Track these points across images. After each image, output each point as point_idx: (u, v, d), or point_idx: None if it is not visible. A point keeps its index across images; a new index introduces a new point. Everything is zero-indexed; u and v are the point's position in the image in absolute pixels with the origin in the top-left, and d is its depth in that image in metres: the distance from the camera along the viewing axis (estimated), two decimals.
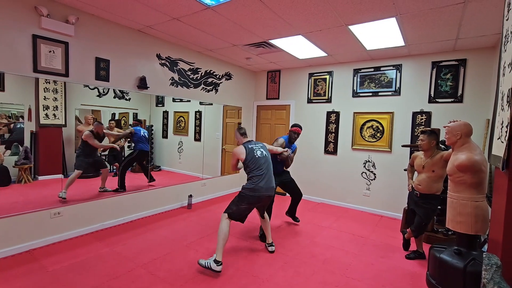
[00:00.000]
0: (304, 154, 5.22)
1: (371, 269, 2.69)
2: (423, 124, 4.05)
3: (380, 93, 4.41)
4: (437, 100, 3.96)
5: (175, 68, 4.12)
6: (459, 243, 2.28)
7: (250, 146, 2.72)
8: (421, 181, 2.79)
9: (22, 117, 2.82)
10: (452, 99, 3.85)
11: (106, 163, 3.77)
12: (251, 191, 2.61)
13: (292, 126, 3.61)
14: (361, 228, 3.79)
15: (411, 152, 4.12)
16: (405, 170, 3.51)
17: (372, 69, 4.46)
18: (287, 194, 4.57)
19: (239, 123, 4.93)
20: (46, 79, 2.82)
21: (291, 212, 3.83)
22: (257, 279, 2.43)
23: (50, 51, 2.78)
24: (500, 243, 1.47)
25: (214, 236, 3.31)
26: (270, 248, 2.98)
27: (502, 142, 1.62)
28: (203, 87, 4.63)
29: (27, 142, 2.82)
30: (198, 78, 4.53)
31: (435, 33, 3.23)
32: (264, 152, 2.76)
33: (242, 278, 2.44)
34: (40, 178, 2.98)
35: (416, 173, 2.99)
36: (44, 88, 2.84)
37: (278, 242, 3.22)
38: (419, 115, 4.08)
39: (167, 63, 4.00)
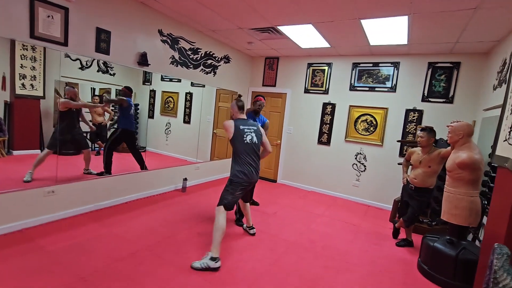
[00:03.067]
0: (298, 143, 5.31)
1: (367, 255, 2.87)
2: (414, 121, 4.26)
3: (376, 89, 4.55)
4: (429, 99, 4.17)
5: (176, 46, 3.93)
6: (451, 234, 2.50)
7: (241, 127, 2.50)
8: (417, 175, 2.97)
9: None
10: (444, 100, 4.07)
11: (88, 141, 3.52)
12: (243, 175, 2.47)
13: (255, 96, 3.51)
14: (352, 217, 3.99)
15: (402, 148, 4.35)
16: (399, 164, 3.71)
17: (371, 64, 4.57)
18: None
19: (239, 95, 4.63)
20: (24, 45, 2.52)
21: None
22: (263, 263, 2.50)
23: (48, 16, 2.53)
24: (503, 235, 1.63)
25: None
26: (251, 231, 3.04)
27: (510, 144, 1.77)
28: (202, 69, 4.49)
29: (1, 113, 2.58)
30: (198, 58, 4.37)
31: (438, 35, 3.36)
32: (254, 139, 2.54)
33: (248, 262, 2.50)
34: (15, 153, 2.76)
35: (410, 167, 3.17)
36: (21, 55, 2.57)
37: (278, 228, 3.32)
38: (411, 113, 4.29)
39: (168, 40, 3.81)
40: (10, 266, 2.06)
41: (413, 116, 4.28)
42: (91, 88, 3.43)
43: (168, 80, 4.23)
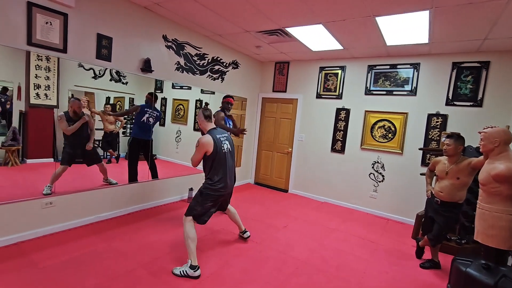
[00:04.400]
0: (310, 151, 5.04)
1: (386, 278, 2.55)
2: (438, 127, 3.90)
3: (394, 92, 4.23)
4: (455, 103, 3.81)
5: (181, 52, 3.82)
6: (487, 257, 2.15)
7: (218, 137, 2.40)
8: (443, 188, 2.64)
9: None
10: (471, 103, 3.70)
11: (100, 151, 3.45)
12: (215, 191, 2.38)
13: (224, 97, 3.56)
14: (369, 232, 3.65)
15: (424, 156, 3.99)
16: (422, 174, 3.37)
17: (388, 66, 4.26)
18: None
19: (206, 103, 4.46)
20: (39, 56, 2.53)
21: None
22: (269, 286, 2.25)
23: (47, 22, 2.46)
24: None
25: (221, 234, 3.12)
26: (245, 235, 2.98)
27: None
28: (209, 75, 4.36)
29: (15, 122, 2.57)
30: (205, 64, 4.25)
31: (464, 32, 3.04)
32: (229, 146, 2.51)
33: (252, 285, 2.26)
34: (29, 161, 2.73)
35: (435, 178, 2.84)
36: (36, 65, 2.57)
37: (287, 244, 3.05)
38: (434, 118, 3.93)
39: (173, 46, 3.70)
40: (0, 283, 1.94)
41: (436, 122, 3.92)
42: (106, 97, 3.42)
43: (179, 87, 4.15)
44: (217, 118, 3.47)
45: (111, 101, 3.48)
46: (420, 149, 3.69)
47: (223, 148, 2.42)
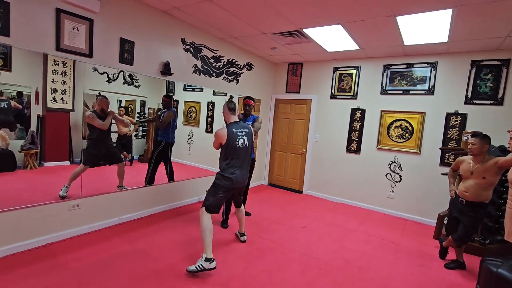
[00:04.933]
0: (324, 152, 5.03)
1: (412, 279, 2.53)
2: (457, 126, 3.85)
3: (411, 92, 4.19)
4: (474, 101, 3.76)
5: (198, 54, 3.86)
6: None
7: (234, 131, 2.47)
8: (468, 188, 2.60)
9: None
10: (492, 101, 3.64)
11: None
12: (226, 180, 2.46)
13: (244, 99, 3.48)
14: (389, 232, 3.62)
15: (443, 156, 3.94)
16: (444, 174, 3.33)
17: (405, 66, 4.23)
18: None
19: (231, 96, 4.51)
20: (55, 61, 2.57)
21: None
22: None
23: (74, 28, 2.52)
24: None
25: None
26: (242, 238, 2.98)
27: None
28: (224, 77, 4.38)
29: (33, 126, 2.62)
30: (221, 66, 4.28)
31: (486, 29, 3.00)
32: (246, 142, 2.54)
33: (278, 286, 2.26)
34: (46, 164, 2.77)
35: (455, 177, 2.81)
36: (52, 70, 2.61)
37: (307, 245, 3.05)
38: (453, 117, 3.88)
39: (191, 49, 3.74)
40: (32, 285, 1.98)
41: (455, 121, 3.87)
42: (118, 100, 3.46)
43: (191, 90, 4.18)
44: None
45: (123, 104, 3.52)
46: (440, 148, 3.64)
47: (237, 142, 2.46)
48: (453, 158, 3.83)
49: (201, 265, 2.23)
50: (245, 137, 2.53)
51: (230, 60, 4.43)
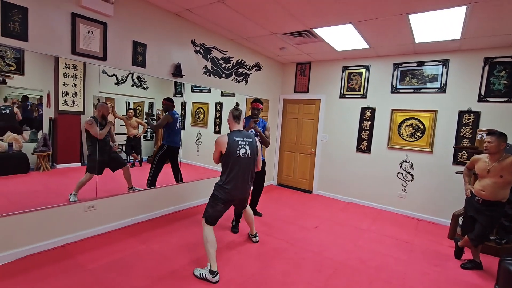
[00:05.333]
0: (334, 151, 5.01)
1: (428, 279, 2.51)
2: (470, 124, 3.80)
3: (422, 90, 4.15)
4: (487, 99, 3.70)
5: (208, 56, 3.88)
6: None
7: (235, 139, 2.32)
8: (485, 187, 2.57)
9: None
10: (506, 99, 3.59)
11: (124, 155, 3.52)
12: (224, 192, 2.31)
13: (252, 102, 3.38)
14: (402, 232, 3.59)
15: (456, 154, 3.89)
16: (458, 173, 3.29)
17: (415, 64, 4.19)
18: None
19: (237, 103, 4.35)
20: (66, 64, 2.61)
21: (252, 205, 3.59)
22: (312, 287, 2.25)
23: (89, 32, 2.56)
24: None
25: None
26: (254, 239, 2.97)
27: None
28: (234, 78, 4.40)
29: (45, 129, 2.67)
30: (230, 67, 4.30)
31: (500, 26, 2.96)
32: (248, 152, 2.35)
33: (298, 286, 2.26)
34: (58, 166, 2.82)
35: (471, 176, 2.77)
36: (64, 74, 2.66)
37: (321, 245, 3.04)
38: (466, 115, 3.83)
39: (201, 51, 3.76)
40: (51, 285, 2.01)
41: (468, 119, 3.82)
42: (126, 102, 3.50)
43: (198, 91, 4.20)
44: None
45: (131, 106, 3.57)
46: (454, 147, 3.60)
47: (237, 151, 2.30)
48: (466, 157, 3.78)
49: (205, 275, 2.21)
50: (247, 147, 2.35)
51: (239, 61, 4.44)
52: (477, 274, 2.65)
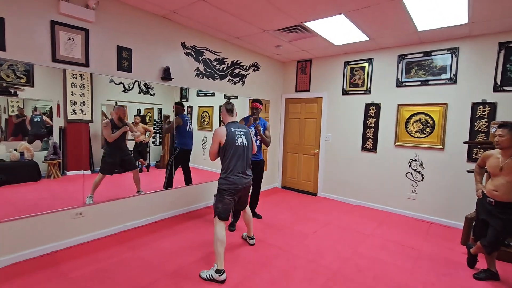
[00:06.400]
0: (338, 151, 4.76)
1: None
2: (485, 117, 3.45)
3: (430, 82, 3.84)
4: (504, 88, 3.34)
5: (200, 58, 3.81)
6: None
7: (233, 130, 2.45)
8: (498, 186, 2.27)
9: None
10: None
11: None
12: (229, 182, 2.41)
13: (252, 102, 3.46)
14: (410, 237, 3.31)
15: (471, 150, 3.55)
16: (469, 171, 2.98)
17: (422, 54, 3.89)
18: None
19: (229, 97, 4.43)
20: (73, 74, 2.70)
21: (252, 206, 3.57)
22: None
23: (69, 39, 2.56)
24: None
25: (246, 241, 3.00)
26: (250, 241, 2.95)
27: None
28: (229, 79, 4.30)
29: (56, 137, 2.76)
30: (225, 69, 4.21)
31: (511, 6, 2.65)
32: (244, 141, 2.49)
33: None
34: (69, 173, 2.90)
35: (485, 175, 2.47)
36: (71, 84, 2.74)
37: (317, 252, 2.85)
38: (480, 107, 3.49)
39: (192, 53, 3.70)
40: None
41: (483, 111, 3.47)
42: (137, 109, 3.55)
43: (203, 94, 4.18)
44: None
45: (142, 113, 3.61)
46: (465, 142, 3.26)
47: (236, 141, 2.43)
48: (482, 153, 3.42)
49: (211, 275, 2.23)
50: (243, 137, 2.50)
51: (234, 61, 4.34)
52: (492, 285, 2.35)
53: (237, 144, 2.43)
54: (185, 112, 3.93)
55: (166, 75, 3.34)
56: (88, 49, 2.69)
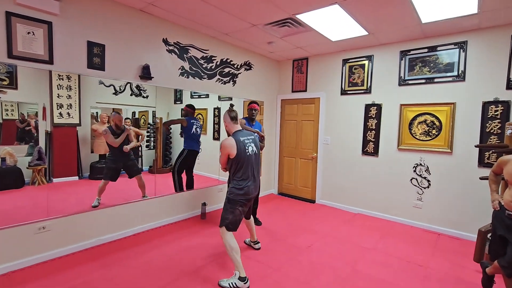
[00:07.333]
0: (337, 155, 4.44)
1: None
2: (498, 117, 3.11)
3: (436, 80, 3.51)
4: None
5: (185, 55, 3.53)
6: None
7: (241, 139, 2.30)
8: None
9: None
10: None
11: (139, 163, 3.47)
12: (242, 193, 2.28)
13: (249, 104, 3.44)
14: (416, 251, 2.97)
15: (482, 154, 3.21)
16: (482, 178, 2.65)
17: (426, 50, 3.57)
18: None
19: (231, 104, 4.23)
20: (60, 75, 2.54)
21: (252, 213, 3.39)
22: None
23: (28, 33, 2.29)
24: None
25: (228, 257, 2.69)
26: (256, 246, 2.90)
27: None
28: (218, 79, 4.02)
29: (42, 142, 2.59)
30: (213, 67, 3.92)
31: None
32: (254, 148, 2.39)
33: None
34: (55, 180, 2.71)
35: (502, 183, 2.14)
36: (57, 85, 2.59)
37: (310, 270, 2.52)
38: (492, 106, 3.15)
39: (176, 50, 3.42)
40: None
41: (495, 111, 3.13)
42: (132, 112, 3.40)
43: (197, 96, 3.95)
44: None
45: (137, 116, 3.46)
46: (477, 146, 2.92)
47: (247, 150, 2.31)
48: (495, 157, 3.09)
49: (235, 283, 2.16)
50: (252, 144, 2.39)
51: (224, 60, 4.06)
52: None
53: (248, 154, 2.31)
54: (178, 115, 3.78)
55: (145, 73, 3.07)
56: (52, 44, 2.42)
